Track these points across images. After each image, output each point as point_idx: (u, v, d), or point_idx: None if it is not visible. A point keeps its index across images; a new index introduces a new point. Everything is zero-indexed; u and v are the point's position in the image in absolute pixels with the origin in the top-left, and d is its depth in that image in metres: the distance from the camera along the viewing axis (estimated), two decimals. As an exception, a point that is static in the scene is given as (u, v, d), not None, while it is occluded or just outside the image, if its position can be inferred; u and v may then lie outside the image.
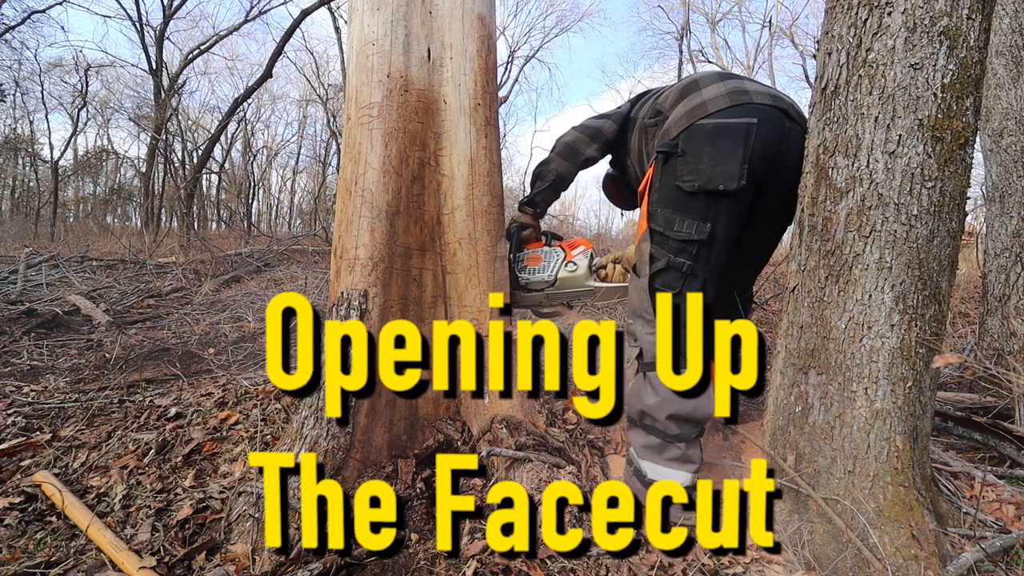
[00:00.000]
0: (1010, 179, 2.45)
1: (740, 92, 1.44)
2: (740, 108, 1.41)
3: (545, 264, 1.84)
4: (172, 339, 2.97)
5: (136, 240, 7.61)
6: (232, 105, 10.44)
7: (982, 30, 1.22)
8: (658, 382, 1.41)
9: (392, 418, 1.58)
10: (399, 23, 1.63)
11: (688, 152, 1.41)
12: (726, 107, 1.41)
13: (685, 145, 1.42)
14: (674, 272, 1.45)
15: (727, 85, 1.47)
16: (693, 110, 1.45)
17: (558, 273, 1.82)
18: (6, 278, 4.15)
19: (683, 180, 1.41)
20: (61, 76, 16.64)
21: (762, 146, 1.39)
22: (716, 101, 1.43)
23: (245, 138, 21.84)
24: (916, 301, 1.26)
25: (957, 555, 1.25)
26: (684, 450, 1.43)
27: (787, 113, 1.45)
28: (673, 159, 1.44)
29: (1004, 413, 1.96)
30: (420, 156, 1.65)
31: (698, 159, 1.40)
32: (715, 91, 1.46)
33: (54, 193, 15.28)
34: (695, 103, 1.46)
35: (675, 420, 1.41)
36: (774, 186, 1.48)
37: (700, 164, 1.39)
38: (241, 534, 1.29)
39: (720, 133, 1.39)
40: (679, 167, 1.42)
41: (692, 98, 1.48)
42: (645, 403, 1.44)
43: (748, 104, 1.41)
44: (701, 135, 1.41)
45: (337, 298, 1.56)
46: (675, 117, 1.48)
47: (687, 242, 1.43)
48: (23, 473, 1.61)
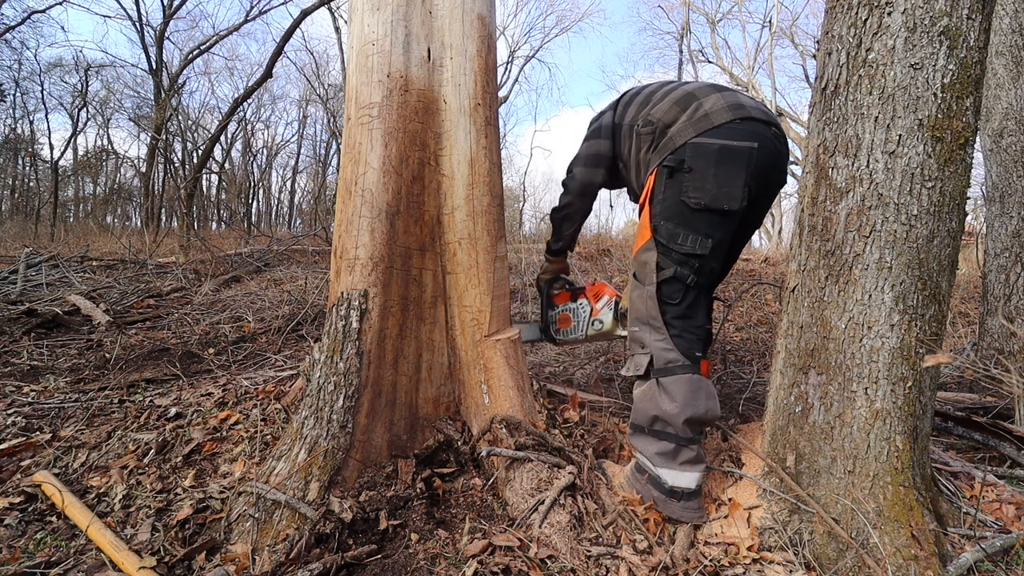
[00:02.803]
0: (1010, 179, 2.45)
1: (738, 106, 1.50)
2: (742, 129, 1.48)
3: (576, 324, 2.00)
4: (172, 339, 2.97)
5: (136, 240, 7.61)
6: (232, 105, 10.44)
7: (982, 30, 1.22)
8: (674, 388, 1.46)
9: (392, 418, 1.58)
10: (399, 23, 1.63)
11: (695, 169, 1.47)
12: (728, 122, 1.48)
13: (692, 162, 1.47)
14: (678, 283, 1.51)
15: (725, 98, 1.53)
16: (698, 121, 1.50)
17: (587, 331, 1.97)
18: (6, 278, 4.15)
19: (688, 196, 1.47)
20: (61, 76, 16.67)
21: (758, 168, 1.48)
22: (719, 114, 1.49)
23: (245, 138, 21.86)
24: (916, 301, 1.26)
25: (957, 555, 1.25)
26: (696, 451, 1.47)
27: (777, 133, 1.54)
28: (679, 174, 1.49)
29: (1004, 413, 1.96)
30: (420, 156, 1.65)
31: (704, 179, 1.46)
32: (716, 103, 1.51)
33: (54, 193, 15.28)
34: (699, 114, 1.51)
35: (690, 423, 1.45)
36: (760, 198, 1.58)
37: (706, 184, 1.46)
38: (241, 534, 1.29)
39: (725, 155, 1.46)
40: (685, 183, 1.48)
41: (694, 109, 1.53)
42: (662, 409, 1.46)
43: (748, 121, 1.48)
44: (708, 154, 1.46)
45: (337, 298, 1.56)
46: (679, 127, 1.53)
47: (690, 255, 1.49)
48: (23, 473, 1.61)
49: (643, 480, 1.50)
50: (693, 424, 1.45)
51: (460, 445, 1.61)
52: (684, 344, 1.50)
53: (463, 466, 1.59)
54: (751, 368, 2.69)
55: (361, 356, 1.51)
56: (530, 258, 6.03)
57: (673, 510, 1.43)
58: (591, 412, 1.94)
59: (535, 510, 1.38)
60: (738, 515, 1.43)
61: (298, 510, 1.30)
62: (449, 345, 1.71)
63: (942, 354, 1.16)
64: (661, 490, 1.46)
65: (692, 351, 1.50)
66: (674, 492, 1.44)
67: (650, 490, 1.48)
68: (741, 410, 2.08)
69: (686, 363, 1.47)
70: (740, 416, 2.02)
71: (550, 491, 1.41)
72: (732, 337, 3.49)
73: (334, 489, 1.38)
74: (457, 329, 1.70)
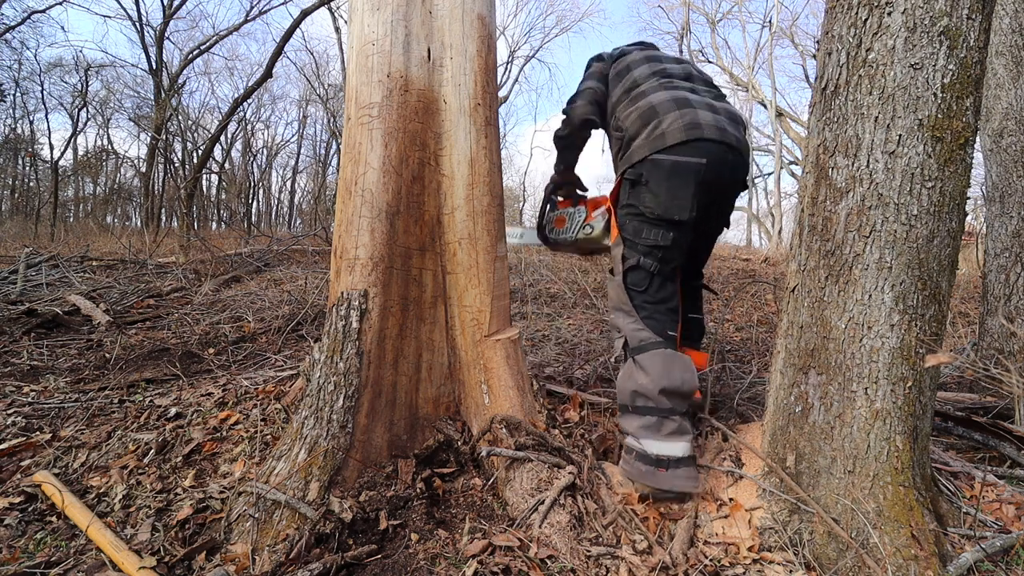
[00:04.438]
0: (1010, 179, 2.45)
1: (694, 126, 1.64)
2: (693, 147, 1.63)
3: (568, 226, 2.12)
4: (172, 339, 2.97)
5: (136, 240, 7.61)
6: (232, 105, 10.44)
7: (982, 30, 1.22)
8: (647, 362, 1.57)
9: (392, 418, 1.58)
10: (399, 23, 1.63)
11: (651, 182, 1.65)
12: (681, 142, 1.62)
13: (648, 176, 1.66)
14: (643, 271, 1.68)
15: (683, 116, 1.66)
16: (653, 141, 1.66)
17: (578, 235, 2.08)
18: (6, 278, 4.15)
19: (645, 207, 1.66)
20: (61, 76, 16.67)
21: (706, 181, 1.63)
22: (673, 135, 1.64)
23: (245, 138, 21.87)
24: (916, 301, 1.25)
25: (957, 555, 1.25)
26: (679, 422, 1.54)
27: (730, 146, 1.67)
28: (639, 187, 1.68)
29: (1004, 413, 1.96)
30: (420, 156, 1.65)
31: (658, 191, 1.64)
32: (672, 122, 1.66)
33: (54, 193, 15.28)
34: (656, 134, 1.67)
35: (667, 394, 1.54)
36: (715, 204, 1.76)
37: (660, 196, 1.63)
38: (241, 534, 1.29)
39: (676, 171, 1.63)
40: (643, 194, 1.66)
41: (653, 127, 1.68)
42: (639, 383, 1.57)
43: (700, 140, 1.63)
44: (662, 170, 1.64)
45: (337, 298, 1.56)
46: (639, 143, 1.70)
47: (653, 247, 1.66)
48: (23, 473, 1.61)
49: (631, 459, 1.54)
50: (670, 395, 1.53)
51: (460, 445, 1.61)
52: (655, 324, 1.63)
53: (463, 466, 1.59)
54: (751, 368, 2.69)
55: (361, 356, 1.51)
56: (530, 258, 6.03)
57: (661, 480, 1.47)
58: (591, 412, 1.94)
59: (535, 510, 1.38)
60: (739, 515, 1.43)
61: (298, 510, 1.30)
62: (449, 345, 1.71)
63: (942, 354, 1.16)
64: (648, 462, 1.50)
65: (664, 330, 1.63)
66: (660, 461, 1.49)
67: (638, 467, 1.51)
68: (741, 410, 2.08)
69: (658, 340, 1.60)
70: (740, 416, 2.02)
71: (550, 491, 1.41)
72: (732, 337, 3.49)
73: (334, 489, 1.38)
74: (457, 329, 1.70)
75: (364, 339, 1.52)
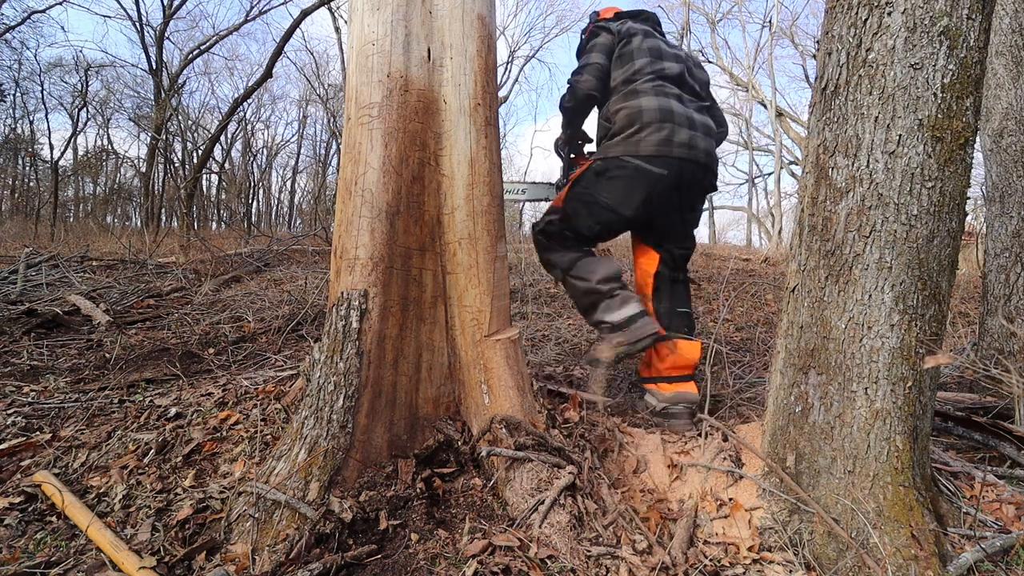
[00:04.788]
0: (1010, 179, 2.45)
1: (666, 143, 1.91)
2: (660, 160, 1.91)
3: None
4: (172, 339, 2.97)
5: (136, 240, 7.60)
6: (232, 105, 10.45)
7: (982, 30, 1.22)
8: (581, 270, 1.99)
9: (392, 418, 1.58)
10: (399, 23, 1.63)
11: (614, 178, 1.96)
12: (652, 155, 1.91)
13: (614, 171, 1.96)
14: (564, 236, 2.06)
15: (661, 132, 1.91)
16: (630, 145, 1.94)
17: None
18: (6, 278, 4.14)
19: (601, 195, 1.98)
20: (61, 76, 16.67)
21: (663, 189, 1.94)
22: (647, 147, 1.91)
23: (245, 138, 21.87)
24: (916, 301, 1.25)
25: (957, 555, 1.25)
26: (622, 293, 1.95)
27: (697, 162, 1.95)
28: (602, 176, 1.99)
29: (1004, 413, 1.96)
30: (420, 156, 1.65)
31: (617, 186, 1.96)
32: (650, 135, 1.92)
33: (54, 193, 15.27)
34: (633, 139, 1.94)
35: (606, 280, 1.96)
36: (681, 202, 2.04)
37: (616, 191, 1.96)
38: (241, 534, 1.29)
39: (637, 175, 1.93)
40: (604, 183, 1.98)
41: (634, 131, 1.94)
42: (585, 287, 1.98)
43: (667, 156, 1.91)
44: (626, 170, 1.94)
45: (337, 298, 1.56)
46: (616, 142, 1.98)
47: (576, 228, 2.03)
48: (23, 473, 1.61)
49: (605, 335, 1.94)
50: (608, 281, 1.95)
51: (460, 445, 1.61)
52: (574, 250, 2.04)
53: (463, 466, 1.59)
54: (751, 368, 2.69)
55: (361, 356, 1.51)
56: (530, 258, 6.03)
57: (631, 335, 1.87)
58: (591, 412, 1.94)
59: (535, 510, 1.38)
60: (739, 515, 1.43)
61: (298, 510, 1.30)
62: (449, 345, 1.71)
63: (942, 355, 1.16)
64: (616, 329, 1.90)
65: (581, 248, 2.04)
66: (624, 322, 1.90)
67: (611, 337, 1.91)
68: (741, 410, 2.08)
69: (578, 254, 2.02)
70: (740, 416, 2.02)
71: (550, 491, 1.41)
72: (732, 337, 3.49)
73: (334, 489, 1.38)
74: (457, 329, 1.70)
75: (364, 339, 1.52)
